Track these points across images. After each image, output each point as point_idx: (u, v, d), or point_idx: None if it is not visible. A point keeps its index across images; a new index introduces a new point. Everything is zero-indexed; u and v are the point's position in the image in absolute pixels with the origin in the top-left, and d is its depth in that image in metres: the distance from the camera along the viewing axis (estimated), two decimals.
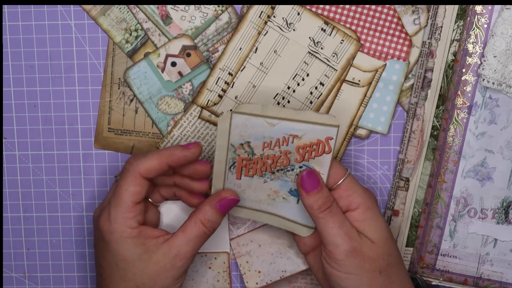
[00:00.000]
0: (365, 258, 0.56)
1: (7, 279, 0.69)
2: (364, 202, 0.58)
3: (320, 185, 0.57)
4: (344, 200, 0.58)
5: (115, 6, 0.65)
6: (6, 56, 0.66)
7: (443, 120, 0.64)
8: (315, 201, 0.57)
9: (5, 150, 0.67)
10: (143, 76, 0.66)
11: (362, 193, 0.58)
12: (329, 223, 0.57)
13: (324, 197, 0.57)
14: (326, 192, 0.57)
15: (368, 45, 0.65)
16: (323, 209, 0.57)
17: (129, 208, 0.57)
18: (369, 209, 0.58)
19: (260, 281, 0.66)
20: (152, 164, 0.57)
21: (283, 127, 0.57)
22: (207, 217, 0.58)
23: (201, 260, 0.67)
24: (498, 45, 0.61)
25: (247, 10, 0.64)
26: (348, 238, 0.56)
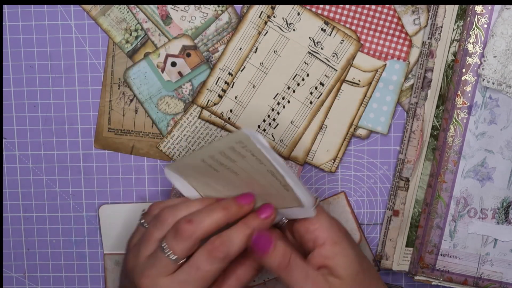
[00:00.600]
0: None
1: (7, 279, 0.69)
2: (330, 237, 0.54)
3: (270, 246, 0.53)
4: (311, 234, 0.55)
5: (115, 6, 0.65)
6: (6, 56, 0.66)
7: (443, 120, 0.64)
8: (273, 262, 0.54)
9: (5, 150, 0.67)
10: (143, 76, 0.66)
11: (328, 226, 0.55)
12: (294, 279, 0.54)
13: (279, 255, 0.54)
14: (282, 247, 0.54)
15: (368, 45, 0.65)
16: (283, 267, 0.54)
17: None
18: (336, 244, 0.54)
19: (257, 278, 0.65)
20: (211, 226, 0.54)
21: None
22: (246, 275, 0.55)
23: None
24: (498, 45, 0.61)
25: (247, 10, 0.64)
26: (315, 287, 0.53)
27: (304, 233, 0.55)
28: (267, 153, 0.51)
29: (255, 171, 0.54)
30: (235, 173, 0.55)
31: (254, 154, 0.52)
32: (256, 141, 0.50)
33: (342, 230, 0.56)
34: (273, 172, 0.52)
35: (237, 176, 0.55)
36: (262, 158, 0.52)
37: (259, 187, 0.56)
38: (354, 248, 0.56)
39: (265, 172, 0.53)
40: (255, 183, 0.55)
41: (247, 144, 0.51)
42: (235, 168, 0.54)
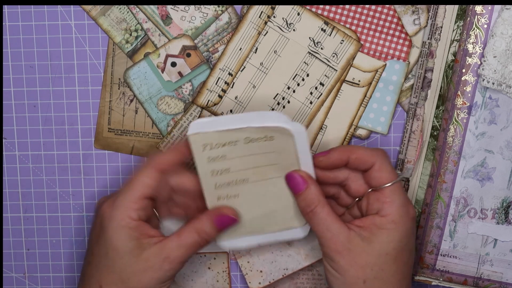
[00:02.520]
0: (351, 263, 0.56)
1: (7, 279, 0.69)
2: (392, 214, 0.57)
3: (303, 187, 0.58)
4: (379, 204, 0.57)
5: (115, 6, 0.65)
6: (6, 56, 0.66)
7: (443, 120, 0.64)
8: (299, 203, 0.58)
9: (5, 150, 0.67)
10: (143, 76, 0.66)
11: (398, 206, 0.57)
12: (314, 226, 0.57)
13: (307, 200, 0.57)
14: (310, 195, 0.57)
15: (368, 45, 0.65)
16: (305, 212, 0.58)
17: (136, 199, 0.56)
18: (393, 222, 0.57)
19: (263, 280, 0.66)
20: (168, 157, 0.58)
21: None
22: (203, 229, 0.57)
23: (200, 260, 0.67)
24: (498, 45, 0.61)
25: (247, 10, 0.64)
26: (332, 242, 0.56)
27: (374, 200, 0.58)
28: (220, 126, 0.58)
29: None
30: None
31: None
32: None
33: (410, 215, 0.58)
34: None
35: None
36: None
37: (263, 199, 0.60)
38: (405, 237, 0.57)
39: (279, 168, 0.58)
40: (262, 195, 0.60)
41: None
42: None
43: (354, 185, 0.60)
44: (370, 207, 0.58)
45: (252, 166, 0.59)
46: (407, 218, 0.57)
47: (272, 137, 0.57)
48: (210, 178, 0.59)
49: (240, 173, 0.59)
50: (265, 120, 0.57)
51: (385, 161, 0.58)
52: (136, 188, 0.57)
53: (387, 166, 0.58)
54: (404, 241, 0.57)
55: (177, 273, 0.58)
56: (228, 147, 0.58)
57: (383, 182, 0.57)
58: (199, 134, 0.57)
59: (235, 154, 0.58)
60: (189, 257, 0.58)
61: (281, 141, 0.57)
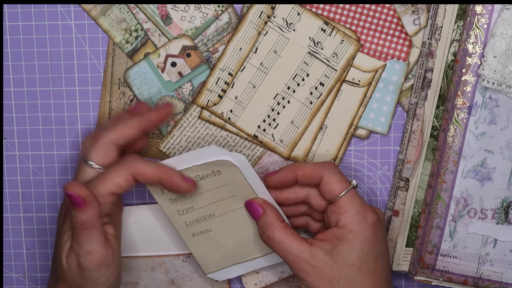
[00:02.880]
0: (318, 278, 0.56)
1: (7, 279, 0.69)
2: (349, 224, 0.57)
3: (259, 214, 0.59)
4: (335, 216, 0.58)
5: (115, 6, 0.65)
6: (6, 56, 0.66)
7: (443, 120, 0.64)
8: (258, 229, 0.59)
9: (5, 151, 0.67)
10: (143, 77, 0.66)
11: (353, 215, 0.57)
12: (276, 250, 0.58)
13: (264, 225, 0.58)
14: (266, 220, 0.58)
15: (368, 45, 0.65)
16: (264, 238, 0.58)
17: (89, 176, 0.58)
18: (351, 232, 0.57)
19: (259, 282, 0.66)
20: (125, 131, 0.58)
21: None
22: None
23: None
24: (498, 45, 0.61)
25: (247, 10, 0.64)
26: (296, 261, 0.57)
27: (331, 213, 0.58)
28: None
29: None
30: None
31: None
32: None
33: (368, 222, 0.57)
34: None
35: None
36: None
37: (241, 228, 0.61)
38: (368, 244, 0.57)
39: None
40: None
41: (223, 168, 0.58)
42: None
43: (314, 201, 0.60)
44: (329, 220, 0.59)
45: (213, 201, 0.60)
46: (365, 225, 0.57)
47: (219, 171, 0.58)
48: (178, 218, 0.60)
49: (205, 209, 0.60)
50: (205, 156, 0.58)
51: (332, 173, 0.58)
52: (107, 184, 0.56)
53: (335, 177, 0.58)
54: (366, 249, 0.57)
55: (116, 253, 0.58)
56: None
57: (335, 193, 0.58)
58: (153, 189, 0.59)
59: (193, 193, 0.59)
60: (101, 234, 0.56)
61: (229, 173, 0.58)
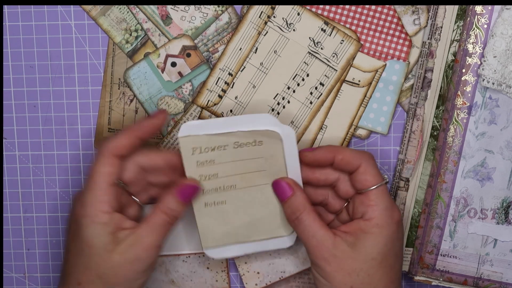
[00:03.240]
0: (337, 269, 0.56)
1: (7, 280, 0.69)
2: (376, 218, 0.57)
3: (289, 194, 0.58)
4: (363, 208, 0.57)
5: (115, 6, 0.65)
6: (6, 56, 0.66)
7: (443, 120, 0.64)
8: (285, 210, 0.59)
9: (5, 150, 0.67)
10: (143, 77, 0.66)
11: (381, 210, 0.57)
12: (299, 233, 0.58)
13: (292, 207, 0.58)
14: (296, 202, 0.58)
15: (368, 45, 0.65)
16: (291, 219, 0.58)
17: (102, 191, 0.56)
18: (377, 226, 0.57)
19: (260, 282, 0.66)
20: (121, 141, 0.57)
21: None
22: (169, 206, 0.57)
23: (198, 260, 0.67)
24: (498, 45, 0.61)
25: (247, 10, 0.64)
26: (317, 249, 0.57)
27: (359, 203, 0.58)
28: (210, 129, 0.57)
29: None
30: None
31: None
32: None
33: (394, 219, 0.57)
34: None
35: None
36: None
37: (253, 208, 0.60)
38: (390, 241, 0.57)
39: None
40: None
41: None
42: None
43: (343, 186, 0.60)
44: (355, 210, 0.59)
45: (240, 172, 0.59)
46: (391, 221, 0.57)
47: (261, 142, 0.57)
48: (196, 174, 0.59)
49: (228, 179, 0.59)
50: (256, 123, 0.57)
51: (370, 164, 0.58)
52: (98, 180, 0.56)
53: (372, 169, 0.58)
54: (389, 246, 0.57)
55: (157, 259, 0.58)
56: (217, 152, 0.58)
57: (368, 185, 0.57)
58: (189, 137, 0.58)
59: (224, 159, 0.58)
60: (164, 238, 0.58)
61: (270, 145, 0.57)
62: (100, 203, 0.56)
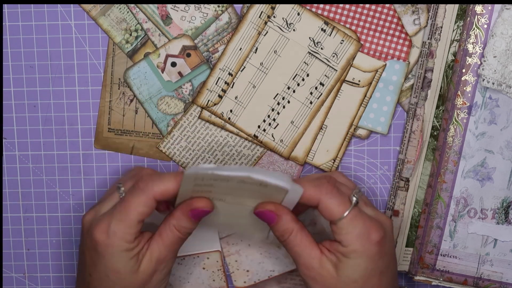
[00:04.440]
0: (323, 287, 0.57)
1: (7, 279, 0.69)
2: (352, 245, 0.56)
3: (274, 221, 0.57)
4: (337, 236, 0.57)
5: (115, 6, 0.65)
6: (6, 56, 0.66)
7: (443, 120, 0.64)
8: (274, 232, 0.59)
9: (5, 150, 0.67)
10: (143, 76, 0.66)
11: (356, 236, 0.56)
12: (288, 251, 0.58)
13: (280, 230, 0.58)
14: (283, 226, 0.57)
15: (368, 45, 0.65)
16: (280, 240, 0.58)
17: (133, 226, 0.56)
18: (355, 252, 0.56)
19: (248, 280, 0.65)
20: (168, 187, 0.56)
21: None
22: (181, 224, 0.57)
23: (194, 261, 0.67)
24: (498, 45, 0.61)
25: (247, 10, 0.64)
26: (304, 267, 0.57)
27: (333, 232, 0.58)
28: (220, 170, 0.54)
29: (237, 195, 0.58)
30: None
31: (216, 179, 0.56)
32: (200, 171, 0.54)
33: (372, 241, 0.56)
34: (244, 182, 0.55)
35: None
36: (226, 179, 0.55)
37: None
38: (372, 263, 0.57)
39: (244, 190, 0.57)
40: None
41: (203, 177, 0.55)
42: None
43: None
44: (334, 236, 0.58)
45: (234, 194, 0.58)
46: (369, 245, 0.56)
47: (266, 185, 0.55)
48: (189, 193, 0.58)
49: (219, 195, 0.58)
50: (267, 175, 0.55)
51: (329, 197, 0.56)
52: (132, 217, 0.56)
53: (333, 201, 0.56)
54: (370, 267, 0.57)
55: (173, 264, 0.59)
56: (218, 182, 0.56)
57: (335, 217, 0.56)
58: (195, 174, 0.55)
59: (223, 187, 0.56)
60: (178, 250, 0.59)
61: (273, 190, 0.56)
62: (128, 235, 0.56)
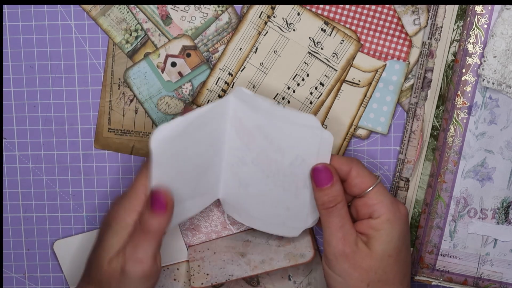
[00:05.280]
0: (355, 266, 0.56)
1: (7, 280, 0.69)
2: (385, 214, 0.57)
3: (330, 182, 0.57)
4: (368, 208, 0.57)
5: (115, 6, 0.65)
6: (6, 56, 0.66)
7: (443, 120, 0.64)
8: (321, 197, 0.57)
9: (5, 151, 0.67)
10: (143, 77, 0.66)
11: (388, 205, 0.57)
12: (329, 222, 0.57)
13: (330, 195, 0.57)
14: (335, 191, 0.57)
15: (368, 45, 0.65)
16: (326, 207, 0.57)
17: (147, 266, 0.56)
18: (389, 221, 0.57)
19: (206, 281, 0.65)
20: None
21: None
22: (147, 222, 0.56)
23: (164, 274, 0.66)
24: (498, 45, 0.61)
25: (247, 10, 0.64)
26: (342, 242, 0.56)
27: (362, 206, 0.58)
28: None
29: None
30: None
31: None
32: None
33: (401, 211, 0.58)
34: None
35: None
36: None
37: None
38: (403, 235, 0.57)
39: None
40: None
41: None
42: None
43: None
44: (359, 214, 0.59)
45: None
46: (400, 215, 0.58)
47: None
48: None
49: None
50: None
51: (360, 166, 0.58)
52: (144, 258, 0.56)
53: (364, 170, 0.58)
54: (402, 239, 0.57)
55: (156, 268, 0.57)
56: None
57: (366, 186, 0.57)
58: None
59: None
60: (159, 247, 0.57)
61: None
62: (142, 263, 0.56)
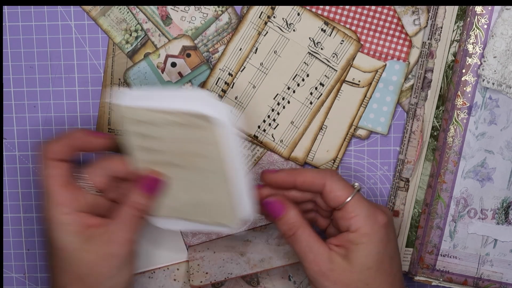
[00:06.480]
0: (336, 282, 0.56)
1: (7, 280, 0.69)
2: (362, 228, 0.56)
3: (283, 212, 0.57)
4: (346, 222, 0.57)
5: (115, 6, 0.65)
6: (6, 56, 0.66)
7: (443, 121, 0.64)
8: (279, 228, 0.58)
9: (5, 151, 0.67)
10: (143, 77, 0.66)
11: (365, 218, 0.57)
12: (296, 249, 0.57)
13: (287, 224, 0.57)
14: (291, 219, 0.57)
15: (368, 46, 0.65)
16: (287, 236, 0.58)
17: (54, 192, 0.56)
18: (366, 235, 0.56)
19: (205, 280, 0.65)
20: (52, 146, 0.57)
21: None
22: (136, 201, 0.57)
23: (164, 274, 0.66)
24: (498, 45, 0.61)
25: (247, 11, 0.64)
26: (314, 263, 0.56)
27: (339, 219, 0.57)
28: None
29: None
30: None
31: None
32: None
33: (380, 223, 0.57)
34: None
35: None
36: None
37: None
38: (382, 245, 0.57)
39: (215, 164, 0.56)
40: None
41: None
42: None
43: (320, 202, 0.60)
44: (339, 226, 0.58)
45: (180, 152, 0.57)
46: (377, 226, 0.57)
47: (199, 126, 0.55)
48: (139, 153, 0.58)
49: (168, 155, 0.57)
50: (193, 101, 0.55)
51: (335, 180, 0.58)
52: (46, 183, 0.56)
53: (338, 183, 0.57)
54: (382, 251, 0.57)
55: (134, 255, 0.57)
56: (157, 128, 0.56)
57: (340, 200, 0.57)
58: (131, 108, 0.56)
59: (164, 136, 0.56)
60: (136, 233, 0.57)
61: (208, 132, 0.55)
62: (57, 205, 0.56)
